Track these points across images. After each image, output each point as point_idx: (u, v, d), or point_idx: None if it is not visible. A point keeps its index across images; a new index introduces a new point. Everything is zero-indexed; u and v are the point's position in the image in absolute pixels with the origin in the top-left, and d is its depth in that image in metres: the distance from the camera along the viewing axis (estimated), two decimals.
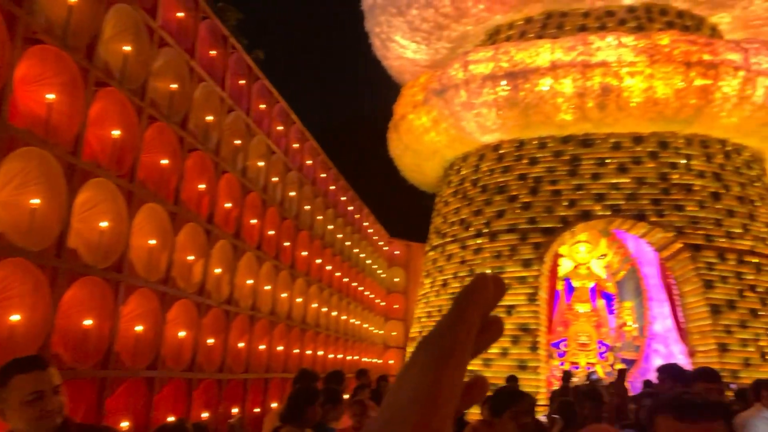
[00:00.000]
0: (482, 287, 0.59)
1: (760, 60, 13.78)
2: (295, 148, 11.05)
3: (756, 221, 14.60)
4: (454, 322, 0.56)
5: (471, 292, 0.59)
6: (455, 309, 0.57)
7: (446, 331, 0.55)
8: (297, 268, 10.93)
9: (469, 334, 0.56)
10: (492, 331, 0.59)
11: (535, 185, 15.10)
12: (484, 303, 0.58)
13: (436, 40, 18.14)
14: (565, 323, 17.89)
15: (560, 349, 17.75)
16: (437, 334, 0.56)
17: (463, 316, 0.56)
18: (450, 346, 0.55)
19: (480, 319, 0.57)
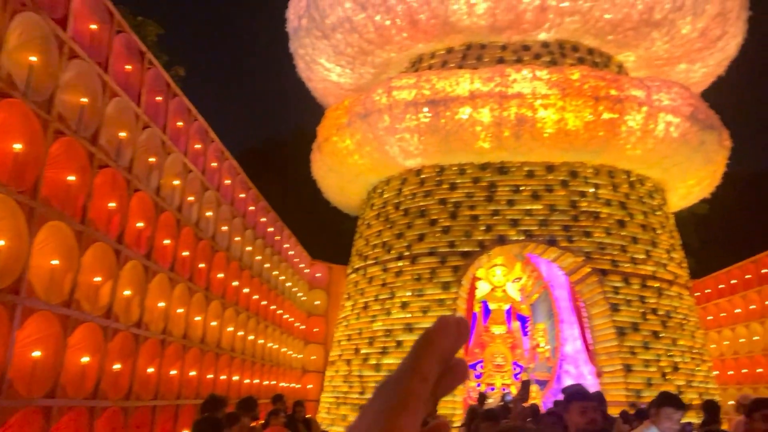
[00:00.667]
0: (442, 333, 0.58)
1: (661, 97, 14.75)
2: (214, 167, 10.83)
3: (657, 248, 15.51)
4: (410, 370, 0.55)
5: (430, 340, 0.58)
6: (412, 356, 0.57)
7: (402, 379, 0.55)
8: (212, 290, 10.64)
9: (425, 383, 0.55)
10: (455, 375, 0.58)
11: (455, 210, 15.46)
12: (444, 349, 0.57)
13: (360, 64, 18.38)
14: (482, 345, 18.28)
15: (477, 371, 18.10)
16: (393, 381, 0.55)
17: (419, 364, 0.55)
18: (404, 396, 0.54)
19: (439, 365, 0.56)
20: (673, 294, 15.30)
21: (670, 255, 15.77)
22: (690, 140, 15.02)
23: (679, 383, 14.21)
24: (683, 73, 18.54)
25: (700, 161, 15.79)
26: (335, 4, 16.82)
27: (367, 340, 15.50)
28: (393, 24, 16.53)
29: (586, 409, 3.83)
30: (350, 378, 15.61)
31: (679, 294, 15.49)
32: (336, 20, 17.13)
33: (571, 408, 3.88)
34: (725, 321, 18.32)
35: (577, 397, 3.96)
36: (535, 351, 18.47)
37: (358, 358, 15.56)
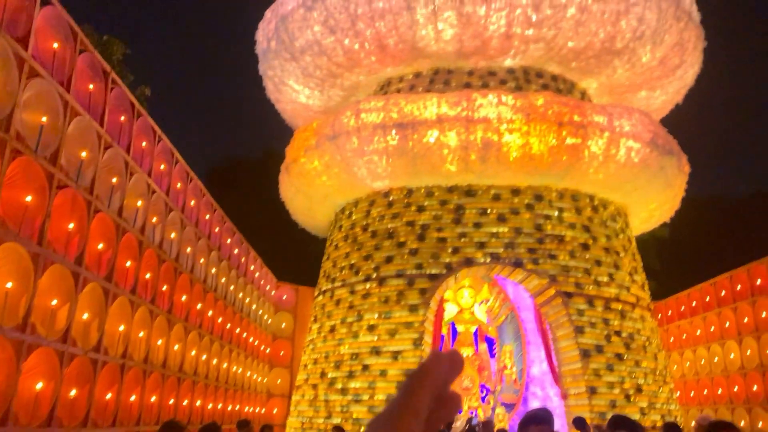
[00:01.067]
0: (435, 368, 0.58)
1: (622, 123, 15.13)
2: (178, 188, 10.70)
3: (620, 271, 15.79)
4: (404, 406, 0.55)
5: (422, 375, 0.58)
6: (405, 391, 0.56)
7: (395, 416, 0.55)
8: (175, 313, 10.44)
9: (417, 417, 0.55)
10: (448, 407, 0.59)
11: (423, 232, 15.52)
12: (437, 384, 0.57)
13: (329, 87, 18.47)
14: None
15: None
16: (385, 418, 0.55)
17: (411, 400, 0.56)
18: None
19: (432, 399, 0.57)
20: (636, 316, 15.54)
21: (632, 277, 16.06)
22: (650, 165, 15.41)
23: (642, 405, 14.39)
24: (644, 100, 19.09)
25: (660, 186, 16.20)
26: (304, 27, 16.92)
27: (334, 364, 15.35)
28: (362, 48, 16.69)
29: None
30: (316, 402, 15.41)
31: (642, 316, 15.75)
32: (305, 43, 17.23)
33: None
34: (686, 343, 18.67)
35: (534, 421, 3.99)
36: (502, 373, 18.56)
37: (325, 382, 15.39)
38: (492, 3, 15.22)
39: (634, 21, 15.87)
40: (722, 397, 16.53)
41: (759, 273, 15.20)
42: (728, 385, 16.26)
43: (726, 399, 16.32)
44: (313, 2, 16.56)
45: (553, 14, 15.32)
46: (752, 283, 15.37)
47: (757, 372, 14.99)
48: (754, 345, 15.14)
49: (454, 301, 18.85)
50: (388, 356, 14.58)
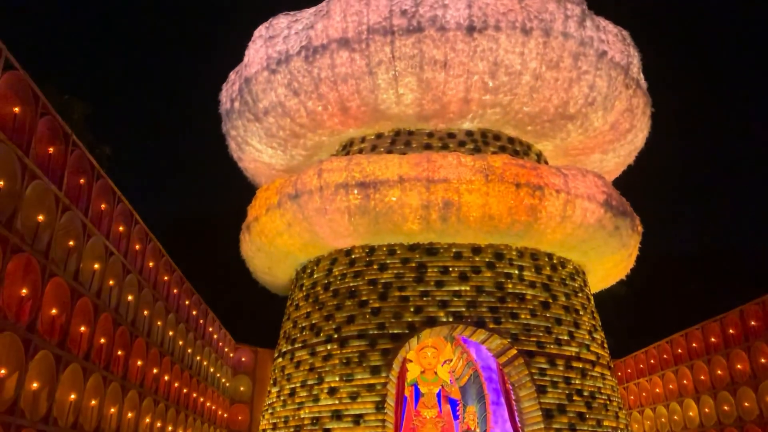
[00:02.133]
0: None
1: (577, 185, 15.59)
2: (137, 249, 10.50)
3: (580, 329, 15.96)
4: None
5: None
6: None
7: None
8: (130, 379, 10.07)
9: None
10: None
11: (385, 291, 15.47)
12: None
13: (292, 147, 18.62)
14: (413, 430, 17.92)
15: None
16: None
17: None
18: None
19: None
20: (597, 374, 15.65)
21: (592, 336, 16.24)
22: (605, 225, 15.84)
23: None
24: (597, 162, 19.79)
25: (616, 245, 16.62)
26: (268, 90, 17.16)
27: (294, 429, 14.91)
28: (325, 110, 16.97)
29: None
30: None
31: (602, 374, 15.86)
32: (268, 104, 17.44)
33: None
34: (646, 400, 18.82)
35: None
36: None
37: None
38: (450, 69, 15.76)
39: (585, 88, 16.60)
40: None
41: (713, 331, 15.58)
42: None
43: None
44: (278, 65, 16.87)
45: (509, 81, 15.93)
46: (707, 340, 15.73)
47: (715, 429, 15.15)
48: (711, 403, 15.37)
49: (416, 361, 18.64)
50: (350, 420, 14.25)
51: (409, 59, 15.59)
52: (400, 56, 15.58)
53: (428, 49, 15.47)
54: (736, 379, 14.41)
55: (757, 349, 13.69)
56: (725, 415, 14.79)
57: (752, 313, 14.01)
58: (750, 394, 13.88)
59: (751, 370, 13.89)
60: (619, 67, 17.09)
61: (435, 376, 18.71)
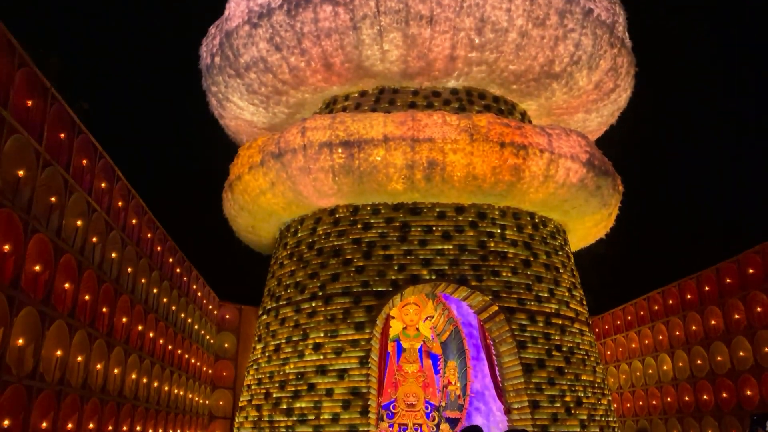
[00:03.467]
0: None
1: (561, 144, 15.64)
2: (120, 206, 10.39)
3: (560, 286, 16.26)
4: None
5: None
6: None
7: None
8: (114, 336, 10.09)
9: None
10: None
11: (369, 250, 15.56)
12: None
13: (274, 104, 18.37)
14: (395, 385, 18.31)
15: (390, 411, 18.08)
16: None
17: None
18: None
19: None
20: (575, 330, 16.02)
21: (571, 293, 16.57)
22: (587, 185, 15.99)
23: (582, 417, 14.79)
24: (580, 122, 19.85)
25: (597, 205, 16.82)
26: (249, 44, 16.81)
27: (279, 384, 15.13)
28: (308, 66, 16.71)
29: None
30: (261, 424, 15.12)
31: (581, 330, 16.24)
32: (250, 60, 17.11)
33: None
34: (622, 355, 19.35)
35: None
36: (446, 389, 18.69)
37: (269, 402, 15.14)
38: (436, 25, 15.55)
39: (571, 46, 16.51)
40: (656, 407, 17.19)
41: (689, 289, 15.96)
42: (662, 396, 16.93)
43: (660, 409, 16.99)
44: (259, 19, 16.49)
45: (495, 38, 15.77)
46: (683, 298, 16.12)
47: (688, 383, 15.67)
48: (685, 357, 15.84)
49: (399, 318, 18.93)
50: (334, 375, 14.49)
51: (395, 14, 15.33)
52: (385, 11, 15.31)
53: (414, 4, 15.22)
54: (710, 334, 14.86)
55: (732, 306, 14.08)
56: (698, 368, 15.29)
57: (728, 271, 14.36)
58: (723, 349, 14.34)
59: (725, 326, 14.31)
60: (604, 26, 16.99)
61: (417, 332, 19.04)
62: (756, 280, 13.31)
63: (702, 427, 14.91)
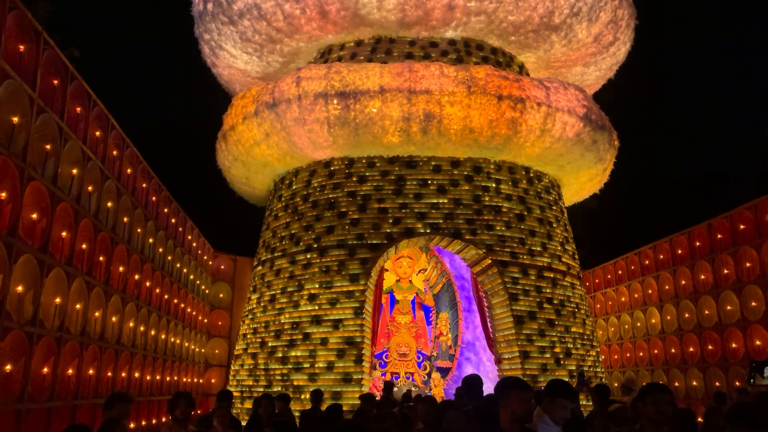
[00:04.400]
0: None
1: (558, 98, 15.54)
2: (115, 155, 10.29)
3: (553, 241, 16.42)
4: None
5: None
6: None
7: None
8: (112, 284, 10.14)
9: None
10: None
11: (364, 203, 15.59)
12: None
13: (268, 53, 18.04)
14: (388, 335, 18.64)
15: (382, 360, 18.46)
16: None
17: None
18: None
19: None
20: (567, 284, 16.26)
21: (564, 247, 16.74)
22: (583, 139, 15.96)
23: (571, 368, 15.16)
24: (578, 75, 19.68)
25: (592, 159, 16.83)
26: None
27: (274, 333, 15.36)
28: (302, 13, 16.36)
29: (526, 398, 3.91)
30: (256, 371, 15.42)
31: (572, 284, 16.49)
32: (243, 6, 16.73)
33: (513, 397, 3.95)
34: (612, 309, 19.70)
35: (520, 386, 4.04)
36: (438, 340, 19.05)
37: (265, 351, 15.40)
38: None
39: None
40: (643, 359, 17.61)
41: (680, 244, 16.13)
42: (649, 348, 17.33)
43: (646, 361, 17.41)
44: None
45: None
46: (674, 252, 16.31)
47: (675, 336, 16.02)
48: (673, 311, 16.15)
49: (392, 270, 19.12)
50: (329, 325, 14.72)
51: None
52: None
53: None
54: (699, 288, 15.10)
55: (721, 261, 14.27)
56: (686, 322, 15.60)
57: (719, 226, 14.50)
58: (711, 303, 14.59)
59: (714, 280, 14.54)
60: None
61: (410, 284, 19.28)
62: (747, 235, 13.46)
63: (687, 377, 15.32)
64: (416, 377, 18.57)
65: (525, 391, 4.01)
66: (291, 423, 6.04)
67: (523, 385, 4.09)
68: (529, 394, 4.04)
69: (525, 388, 4.06)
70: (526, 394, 4.02)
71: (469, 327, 18.86)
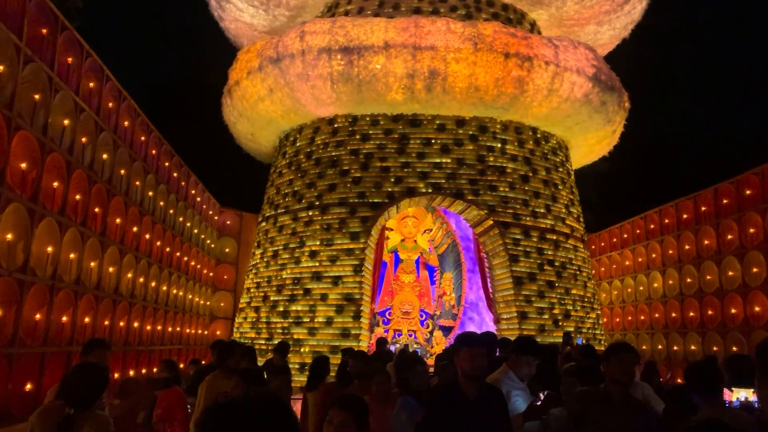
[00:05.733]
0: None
1: (567, 57, 15.17)
2: (110, 107, 10.28)
3: (557, 203, 16.26)
4: None
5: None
6: None
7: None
8: (109, 236, 10.27)
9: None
10: None
11: (366, 161, 15.52)
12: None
13: (274, 6, 17.79)
14: (391, 293, 18.79)
15: (385, 317, 18.67)
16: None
17: None
18: None
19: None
20: (569, 246, 16.16)
21: (568, 210, 16.58)
22: (592, 100, 15.63)
23: (569, 329, 15.18)
24: (591, 34, 19.15)
25: (601, 121, 16.50)
26: None
27: (276, 288, 15.56)
28: None
29: (476, 355, 3.96)
30: (258, 324, 15.69)
31: (575, 246, 16.38)
32: None
33: (461, 353, 4.00)
34: (616, 272, 19.60)
35: (468, 343, 4.08)
36: (441, 299, 19.16)
37: (267, 305, 15.62)
38: None
39: None
40: (644, 323, 17.59)
41: (686, 208, 15.89)
42: (650, 312, 17.28)
43: (647, 325, 17.39)
44: None
45: None
46: (679, 217, 16.09)
47: (677, 300, 15.93)
48: (676, 275, 16.02)
49: (397, 230, 19.14)
50: (329, 281, 14.85)
51: None
52: None
53: None
54: (702, 254, 14.92)
55: (726, 227, 14.03)
56: (687, 287, 15.47)
57: (725, 191, 14.22)
58: (713, 268, 14.42)
59: (717, 246, 14.34)
60: None
61: (415, 244, 19.31)
62: (753, 201, 13.20)
63: (686, 341, 15.29)
64: (419, 335, 18.76)
65: (473, 348, 3.96)
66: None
67: (471, 342, 4.07)
68: (478, 350, 4.02)
69: (473, 344, 4.03)
70: (474, 350, 4.01)
71: (472, 287, 18.92)
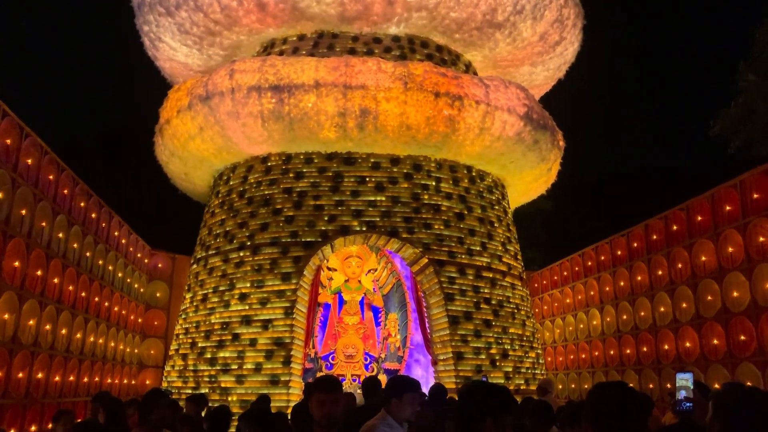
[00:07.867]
0: None
1: (498, 96, 15.30)
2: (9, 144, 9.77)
3: (493, 240, 16.17)
4: None
5: None
6: None
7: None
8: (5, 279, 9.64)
9: None
10: None
11: (299, 199, 15.22)
12: None
13: (208, 45, 17.60)
14: (335, 336, 18.29)
15: (329, 362, 18.10)
16: None
17: None
18: None
19: None
20: (507, 284, 16.01)
21: (505, 247, 16.49)
22: (524, 138, 15.74)
23: (507, 369, 14.91)
24: (527, 75, 19.47)
25: (535, 159, 16.61)
26: None
27: (204, 334, 14.91)
28: (240, 5, 15.96)
29: (324, 402, 3.77)
30: (186, 373, 14.96)
31: (512, 284, 16.24)
32: None
33: (312, 400, 3.81)
34: (557, 310, 19.53)
35: (319, 388, 3.91)
36: (386, 341, 18.74)
37: (194, 352, 14.94)
38: None
39: None
40: (585, 361, 17.44)
41: (619, 245, 15.99)
42: (590, 350, 17.16)
43: (588, 363, 17.24)
44: None
45: None
46: (614, 254, 16.17)
47: (614, 337, 15.87)
48: (613, 312, 16.00)
49: (341, 270, 18.80)
50: (258, 325, 14.31)
51: None
52: None
53: None
54: (636, 290, 14.95)
55: (656, 262, 14.12)
56: (624, 324, 15.46)
57: (654, 228, 14.35)
58: (646, 304, 14.45)
59: (649, 281, 14.39)
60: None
61: (359, 284, 18.95)
62: (680, 237, 13.32)
63: (624, 379, 15.15)
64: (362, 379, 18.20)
65: (322, 394, 3.83)
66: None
67: (321, 387, 3.89)
68: (327, 396, 3.81)
69: (324, 390, 3.86)
70: (322, 396, 3.80)
71: (418, 328, 18.57)
